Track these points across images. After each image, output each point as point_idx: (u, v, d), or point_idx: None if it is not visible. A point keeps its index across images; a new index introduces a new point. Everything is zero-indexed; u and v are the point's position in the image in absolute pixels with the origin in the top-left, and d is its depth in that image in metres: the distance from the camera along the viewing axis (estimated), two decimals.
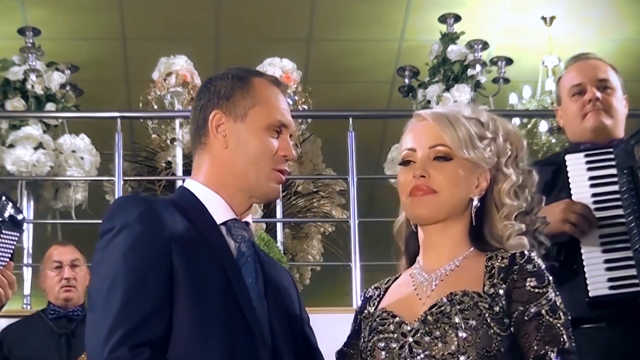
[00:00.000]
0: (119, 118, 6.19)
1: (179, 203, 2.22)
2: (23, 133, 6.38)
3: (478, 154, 2.21)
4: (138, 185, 6.93)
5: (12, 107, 6.56)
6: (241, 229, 2.25)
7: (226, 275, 2.15)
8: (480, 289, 2.12)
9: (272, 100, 2.28)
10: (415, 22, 8.12)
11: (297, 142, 6.86)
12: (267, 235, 5.78)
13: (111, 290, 2.06)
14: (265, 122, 2.25)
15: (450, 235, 2.22)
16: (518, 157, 2.27)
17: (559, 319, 2.09)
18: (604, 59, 3.34)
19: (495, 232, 2.22)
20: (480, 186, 2.23)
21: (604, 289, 2.96)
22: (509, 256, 2.16)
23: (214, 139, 2.25)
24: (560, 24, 8.10)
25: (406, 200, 2.23)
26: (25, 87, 6.63)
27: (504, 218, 2.21)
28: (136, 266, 2.08)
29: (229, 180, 2.24)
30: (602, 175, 3.08)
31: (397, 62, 8.31)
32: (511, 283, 2.12)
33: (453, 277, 2.18)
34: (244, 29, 8.16)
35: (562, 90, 3.33)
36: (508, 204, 2.22)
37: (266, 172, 2.24)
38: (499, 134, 2.26)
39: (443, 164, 2.21)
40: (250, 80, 2.28)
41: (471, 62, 6.87)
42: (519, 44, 8.13)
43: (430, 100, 6.88)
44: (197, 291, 2.10)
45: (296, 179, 6.93)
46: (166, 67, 6.66)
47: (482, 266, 2.17)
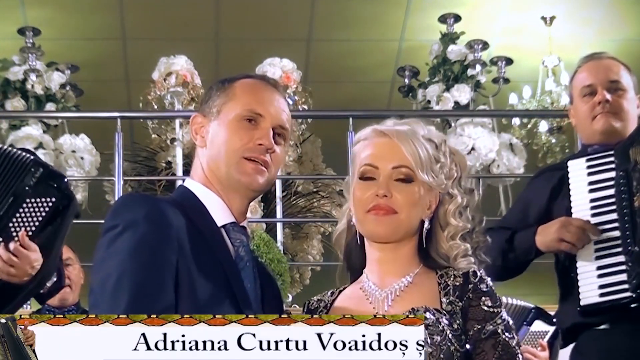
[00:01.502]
0: (119, 118, 6.19)
1: (180, 203, 2.22)
2: (23, 133, 6.39)
3: (436, 180, 2.25)
4: (138, 185, 6.93)
5: (12, 107, 6.57)
6: (240, 233, 2.25)
7: (227, 279, 2.16)
8: (439, 306, 2.17)
9: (248, 93, 2.29)
10: (415, 22, 8.13)
11: (297, 142, 6.87)
12: (267, 235, 5.78)
13: (117, 289, 2.06)
14: (234, 113, 2.26)
15: (402, 253, 2.26)
16: (462, 177, 2.31)
17: (513, 338, 2.16)
18: (617, 58, 3.32)
19: (441, 252, 2.26)
20: (431, 208, 2.27)
21: (595, 297, 2.96)
22: (461, 274, 2.21)
23: (194, 141, 2.30)
24: (560, 24, 8.11)
25: (364, 217, 2.25)
26: (25, 87, 6.64)
27: (449, 238, 2.26)
28: (143, 266, 2.08)
29: (211, 178, 2.26)
30: (601, 179, 3.07)
31: (397, 62, 8.32)
32: (467, 301, 2.17)
33: (408, 293, 2.22)
34: (244, 29, 8.17)
35: (574, 90, 3.32)
36: (454, 224, 2.26)
37: (235, 160, 2.24)
38: (447, 155, 2.30)
39: (405, 186, 2.24)
40: (234, 81, 2.31)
41: (471, 62, 6.88)
42: (519, 44, 8.14)
43: (430, 100, 6.89)
44: (200, 293, 2.11)
45: (296, 179, 6.93)
46: (166, 67, 6.67)
47: (435, 283, 2.22)
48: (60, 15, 7.92)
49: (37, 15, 7.75)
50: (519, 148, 6.78)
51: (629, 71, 3.28)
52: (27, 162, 2.83)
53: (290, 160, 6.73)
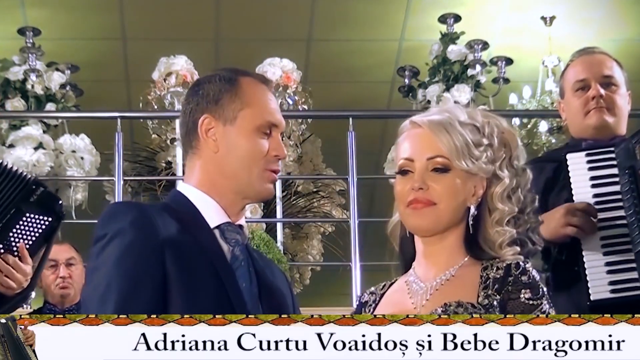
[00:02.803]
0: (119, 118, 6.19)
1: (172, 207, 2.22)
2: (23, 133, 6.38)
3: (476, 165, 2.20)
4: (138, 185, 6.93)
5: (12, 107, 6.56)
6: (235, 232, 2.25)
7: (220, 280, 2.16)
8: (475, 300, 2.14)
9: (261, 100, 2.28)
10: (415, 22, 8.13)
11: (297, 142, 6.87)
12: (267, 235, 5.78)
13: (104, 297, 2.07)
14: (254, 124, 2.25)
15: (447, 244, 2.22)
16: (512, 157, 2.25)
17: None
18: (609, 54, 3.32)
19: (488, 239, 2.21)
20: (477, 194, 2.22)
21: (606, 293, 2.94)
22: (504, 267, 2.16)
23: (204, 144, 2.25)
24: (560, 24, 8.10)
25: (405, 210, 2.22)
26: (25, 87, 6.63)
27: (495, 224, 2.20)
28: (129, 273, 2.09)
29: (222, 183, 2.24)
30: (604, 175, 3.05)
31: (397, 62, 8.32)
32: (505, 294, 2.13)
33: (448, 287, 2.19)
34: (244, 29, 8.17)
35: (565, 84, 3.30)
36: (500, 209, 2.20)
37: (258, 173, 2.24)
38: (494, 136, 2.24)
39: (441, 176, 2.20)
40: (238, 81, 2.28)
41: (471, 62, 6.88)
42: (519, 44, 8.14)
43: (430, 100, 6.89)
44: (191, 296, 2.11)
45: (296, 179, 6.93)
46: (166, 67, 6.67)
47: (478, 276, 2.18)
48: (60, 15, 7.92)
49: (37, 15, 7.75)
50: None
51: (620, 67, 3.27)
52: (29, 180, 2.92)
53: (290, 160, 6.73)
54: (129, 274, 2.08)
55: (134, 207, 2.21)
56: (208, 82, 2.30)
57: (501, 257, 2.19)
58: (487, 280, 2.16)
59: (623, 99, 3.23)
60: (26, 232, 2.89)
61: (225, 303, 2.13)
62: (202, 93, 2.28)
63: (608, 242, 2.99)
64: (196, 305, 2.10)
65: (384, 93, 8.77)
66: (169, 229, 2.15)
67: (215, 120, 2.25)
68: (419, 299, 2.20)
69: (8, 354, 1.94)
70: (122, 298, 2.06)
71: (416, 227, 2.23)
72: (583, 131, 3.22)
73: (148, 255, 2.11)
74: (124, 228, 2.12)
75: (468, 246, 2.22)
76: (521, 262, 2.17)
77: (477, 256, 2.21)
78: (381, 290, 2.31)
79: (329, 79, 8.53)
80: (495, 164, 2.23)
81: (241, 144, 2.24)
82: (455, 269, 2.21)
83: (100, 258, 2.12)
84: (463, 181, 2.20)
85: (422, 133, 2.23)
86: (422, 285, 2.22)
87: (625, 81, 3.25)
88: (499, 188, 2.21)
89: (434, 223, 2.20)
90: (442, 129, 2.21)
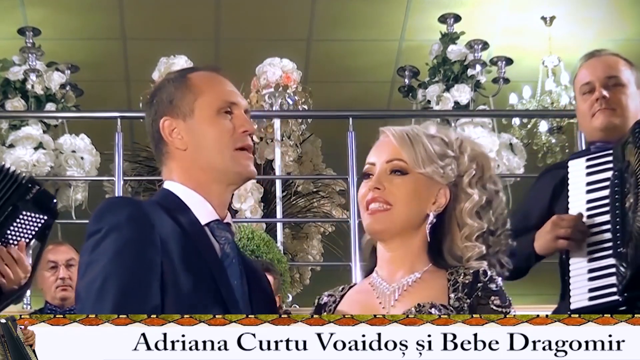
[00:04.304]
0: (119, 118, 6.19)
1: (163, 204, 2.22)
2: (23, 133, 6.39)
3: (433, 169, 2.25)
4: (138, 185, 6.93)
5: (12, 107, 6.57)
6: (224, 230, 2.25)
7: (213, 277, 2.16)
8: (446, 302, 2.17)
9: (213, 85, 2.28)
10: (415, 22, 8.13)
11: (297, 142, 6.87)
12: (267, 235, 5.78)
13: (102, 292, 2.06)
14: (212, 108, 2.25)
15: (408, 249, 2.26)
16: (484, 177, 2.29)
17: None
18: (620, 54, 3.31)
19: (454, 251, 2.25)
20: (438, 202, 2.26)
21: (584, 300, 2.94)
22: (471, 273, 2.20)
23: (172, 145, 2.26)
24: (560, 24, 8.11)
25: (363, 215, 2.28)
26: (25, 87, 6.64)
27: (464, 238, 2.25)
28: (127, 268, 2.08)
29: (202, 177, 2.25)
30: (599, 179, 3.05)
31: (397, 62, 8.32)
32: (475, 299, 2.17)
33: (417, 289, 2.22)
34: (244, 29, 8.17)
35: (575, 89, 3.31)
36: (469, 224, 2.25)
37: (230, 154, 2.24)
38: (465, 153, 2.29)
39: (398, 178, 2.25)
40: (187, 77, 2.30)
41: (471, 62, 6.88)
42: (519, 44, 8.14)
43: (430, 100, 6.89)
44: (186, 293, 2.11)
45: (296, 179, 6.93)
46: (166, 67, 6.67)
47: (445, 280, 2.21)
48: (60, 15, 7.92)
49: (37, 15, 7.75)
50: (519, 148, 6.79)
51: (630, 66, 3.25)
52: (24, 179, 2.95)
53: (290, 160, 6.73)
54: (127, 268, 2.08)
55: (130, 203, 2.22)
56: (159, 89, 2.32)
57: (466, 266, 2.23)
58: (456, 284, 2.20)
59: (631, 98, 3.19)
60: (23, 230, 2.92)
61: (219, 301, 2.14)
62: (156, 101, 2.30)
63: (593, 249, 2.99)
64: (190, 302, 2.10)
65: (384, 93, 8.77)
66: (164, 225, 2.15)
67: (175, 120, 2.26)
68: (387, 299, 2.23)
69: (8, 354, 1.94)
70: (120, 294, 2.05)
71: (372, 230, 2.27)
72: (592, 134, 3.22)
73: (146, 251, 2.11)
74: (120, 223, 2.12)
75: (431, 255, 2.26)
76: (488, 270, 2.21)
77: (440, 265, 2.25)
78: (340, 292, 2.34)
79: (329, 79, 8.53)
80: (463, 178, 2.27)
81: (205, 131, 2.24)
82: (421, 272, 2.24)
83: (96, 252, 2.11)
84: (422, 186, 2.25)
85: (387, 140, 2.30)
86: (389, 286, 2.24)
87: (636, 80, 3.22)
88: (467, 204, 2.26)
89: (388, 226, 2.24)
90: (404, 135, 2.27)
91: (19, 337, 1.94)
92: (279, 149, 6.59)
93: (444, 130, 2.32)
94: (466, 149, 2.30)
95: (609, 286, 2.91)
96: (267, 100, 6.66)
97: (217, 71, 2.33)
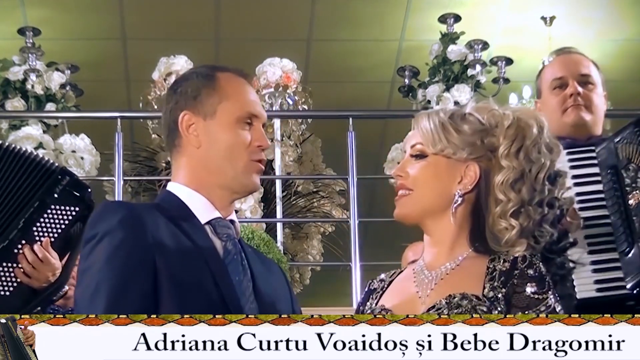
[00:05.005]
0: (119, 118, 6.19)
1: (162, 206, 2.23)
2: (23, 133, 6.38)
3: (452, 148, 2.20)
4: (138, 185, 6.93)
5: (12, 107, 6.56)
6: (226, 227, 2.26)
7: (212, 276, 2.16)
8: (480, 292, 2.13)
9: (240, 93, 2.28)
10: (415, 22, 8.13)
11: (297, 142, 6.87)
12: (267, 235, 5.78)
13: (94, 296, 2.08)
14: (234, 116, 2.25)
15: (444, 232, 2.22)
16: (524, 146, 2.21)
17: None
18: (585, 55, 3.33)
19: (495, 233, 2.18)
20: (465, 180, 2.20)
21: (592, 292, 2.93)
22: (510, 259, 2.15)
23: (186, 140, 2.26)
24: (560, 24, 8.10)
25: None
26: (25, 87, 6.63)
27: (499, 218, 2.17)
28: (119, 271, 2.09)
29: (208, 179, 2.25)
30: (585, 174, 3.05)
31: (397, 62, 8.32)
32: (511, 288, 2.12)
33: (453, 277, 2.18)
34: (244, 29, 8.17)
35: (543, 83, 3.32)
36: (503, 200, 2.17)
37: (242, 165, 2.24)
38: (503, 125, 2.22)
39: (418, 162, 2.23)
40: (216, 76, 2.29)
41: (471, 62, 6.88)
42: (519, 44, 8.14)
43: (430, 100, 6.89)
44: (182, 292, 2.12)
45: (296, 179, 6.93)
46: (166, 67, 6.67)
47: (484, 267, 2.16)
48: (60, 15, 7.92)
49: (37, 15, 7.75)
50: None
51: (597, 68, 3.28)
52: (55, 169, 2.87)
53: (290, 160, 6.73)
54: (118, 273, 2.09)
55: (123, 207, 2.23)
56: (185, 80, 2.31)
57: (508, 252, 2.17)
58: (494, 272, 2.15)
59: (600, 98, 3.23)
60: (51, 225, 2.84)
61: (218, 298, 2.14)
62: (180, 91, 2.29)
63: (593, 241, 2.97)
64: (187, 301, 2.10)
65: (384, 93, 8.77)
66: (159, 226, 2.15)
67: (195, 116, 2.25)
68: (424, 288, 2.20)
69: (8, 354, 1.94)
70: (112, 297, 2.07)
71: (397, 216, 2.26)
72: (560, 129, 3.22)
73: (138, 253, 2.11)
74: (112, 227, 2.13)
75: (472, 238, 2.21)
76: (528, 255, 2.15)
77: (481, 250, 2.19)
78: (390, 277, 2.32)
79: (329, 79, 8.53)
80: (497, 152, 2.20)
81: (223, 137, 2.24)
82: (460, 259, 2.20)
83: (90, 259, 2.13)
84: (443, 167, 2.21)
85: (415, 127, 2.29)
86: (427, 273, 2.21)
87: (602, 82, 3.25)
88: (500, 176, 2.18)
89: (411, 210, 2.23)
90: (423, 118, 2.25)
91: (19, 337, 1.94)
92: (279, 149, 6.59)
93: (482, 106, 2.28)
94: (505, 120, 2.23)
95: (616, 279, 2.92)
96: (267, 100, 6.65)
97: (245, 77, 2.32)
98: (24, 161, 2.86)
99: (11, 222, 2.81)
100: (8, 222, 2.82)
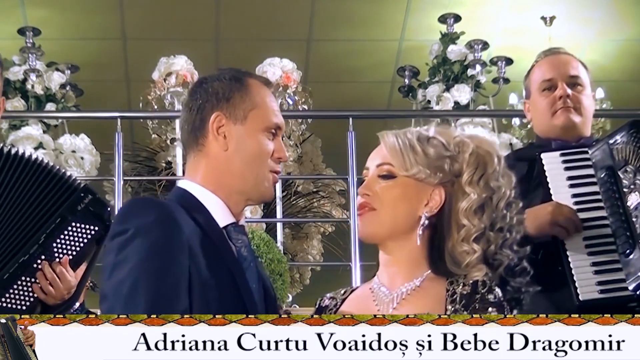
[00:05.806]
0: (119, 118, 6.19)
1: (183, 205, 2.21)
2: (23, 133, 6.39)
3: (421, 171, 2.22)
4: (138, 185, 6.93)
5: (12, 107, 6.56)
6: (240, 233, 2.26)
7: (234, 280, 2.16)
8: (443, 313, 2.14)
9: (268, 102, 2.29)
10: (415, 22, 8.13)
11: (297, 142, 6.87)
12: (267, 235, 5.78)
13: (133, 294, 2.06)
14: (263, 125, 2.26)
15: (405, 253, 2.23)
16: (486, 175, 2.24)
17: None
18: (574, 55, 3.33)
19: (455, 256, 2.21)
20: (431, 203, 2.23)
21: (594, 293, 2.92)
22: (470, 283, 2.17)
23: (213, 141, 2.25)
24: (560, 24, 8.11)
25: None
26: (25, 87, 6.64)
27: (461, 241, 2.20)
28: (158, 271, 2.08)
29: (228, 182, 2.24)
30: (581, 175, 3.04)
31: (397, 62, 8.32)
32: (472, 312, 2.14)
33: (414, 297, 2.20)
34: (244, 29, 8.17)
35: (532, 84, 3.31)
36: (466, 225, 2.21)
37: (263, 173, 2.26)
38: (465, 152, 2.24)
39: (386, 182, 2.24)
40: (247, 81, 2.29)
41: (471, 62, 6.88)
42: (519, 44, 8.14)
43: (430, 100, 6.89)
44: (211, 296, 2.12)
45: (296, 179, 6.93)
46: (166, 67, 6.67)
47: (444, 289, 2.19)
48: (60, 15, 7.92)
49: (37, 15, 7.75)
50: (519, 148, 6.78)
51: (585, 68, 3.28)
52: (77, 186, 2.85)
53: (290, 160, 6.73)
54: (158, 271, 2.08)
55: (156, 204, 2.21)
56: (217, 80, 2.30)
57: (466, 275, 2.19)
58: (454, 295, 2.17)
59: (589, 99, 3.23)
60: (71, 243, 2.83)
61: (240, 303, 2.15)
62: (211, 91, 2.28)
63: (592, 243, 2.97)
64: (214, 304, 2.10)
65: (384, 93, 8.77)
66: (189, 226, 2.15)
67: (226, 119, 2.25)
68: (384, 307, 2.21)
69: (8, 354, 1.94)
70: (153, 296, 2.06)
71: (361, 234, 2.27)
72: (549, 131, 3.22)
73: (175, 252, 2.11)
74: (148, 225, 2.11)
75: (430, 260, 2.23)
76: (487, 280, 2.18)
77: (440, 272, 2.22)
78: (342, 296, 2.33)
79: (329, 79, 8.53)
80: (461, 178, 2.22)
81: (250, 143, 2.25)
82: (420, 280, 2.22)
83: (123, 254, 2.10)
84: (411, 189, 2.23)
85: (379, 146, 2.29)
86: (387, 292, 2.23)
87: (590, 82, 3.25)
88: (464, 203, 2.21)
89: (375, 228, 2.24)
90: (393, 139, 2.25)
91: (19, 337, 1.94)
92: None
93: (444, 131, 2.29)
94: (467, 148, 2.25)
95: (618, 281, 2.91)
96: None
97: (270, 86, 2.34)
98: (46, 174, 2.84)
99: (32, 236, 2.80)
100: (29, 236, 2.81)
